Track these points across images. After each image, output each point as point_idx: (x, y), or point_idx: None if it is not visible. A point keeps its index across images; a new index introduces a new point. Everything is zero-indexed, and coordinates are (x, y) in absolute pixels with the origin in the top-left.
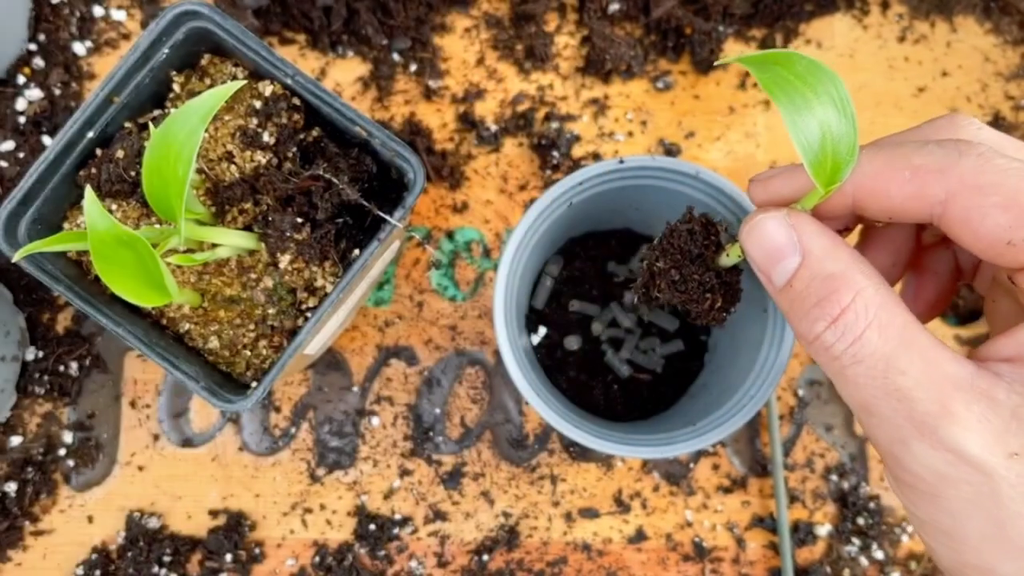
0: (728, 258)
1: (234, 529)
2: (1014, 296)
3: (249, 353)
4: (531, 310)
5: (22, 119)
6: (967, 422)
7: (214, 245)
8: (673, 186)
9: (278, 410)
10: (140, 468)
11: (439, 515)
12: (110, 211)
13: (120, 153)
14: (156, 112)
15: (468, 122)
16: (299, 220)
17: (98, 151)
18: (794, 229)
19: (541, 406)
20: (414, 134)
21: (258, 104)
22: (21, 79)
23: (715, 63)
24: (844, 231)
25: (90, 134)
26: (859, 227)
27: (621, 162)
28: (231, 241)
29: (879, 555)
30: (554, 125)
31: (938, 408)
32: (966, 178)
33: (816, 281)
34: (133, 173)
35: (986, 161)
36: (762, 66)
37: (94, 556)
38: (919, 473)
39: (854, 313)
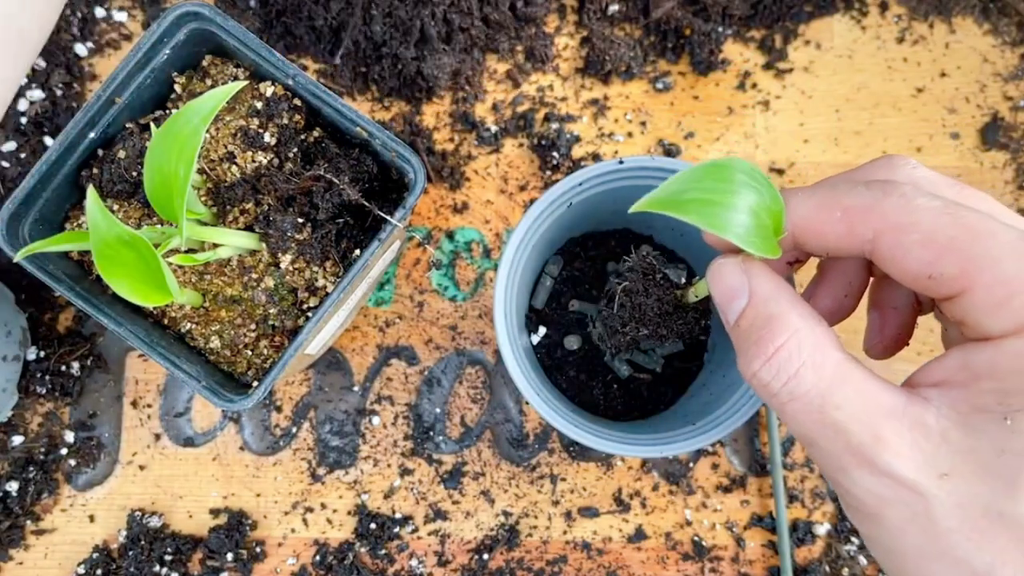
0: (695, 296)
1: (235, 528)
2: (944, 327)
3: (250, 353)
4: (531, 310)
5: (24, 119)
6: (899, 448)
7: (215, 245)
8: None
9: (279, 410)
10: (141, 467)
11: (439, 514)
12: (112, 211)
13: (122, 153)
14: (158, 113)
15: (468, 123)
16: (300, 220)
17: (100, 152)
18: (745, 273)
19: (541, 405)
20: (414, 135)
21: (259, 105)
22: (23, 80)
23: (629, 210)
24: (796, 263)
25: (92, 135)
26: (815, 259)
27: (621, 163)
28: (232, 241)
29: None
30: (554, 126)
31: (872, 438)
32: (889, 217)
33: (758, 321)
34: (135, 173)
35: (908, 201)
36: (675, 205)
37: (95, 555)
38: (860, 497)
39: (787, 352)
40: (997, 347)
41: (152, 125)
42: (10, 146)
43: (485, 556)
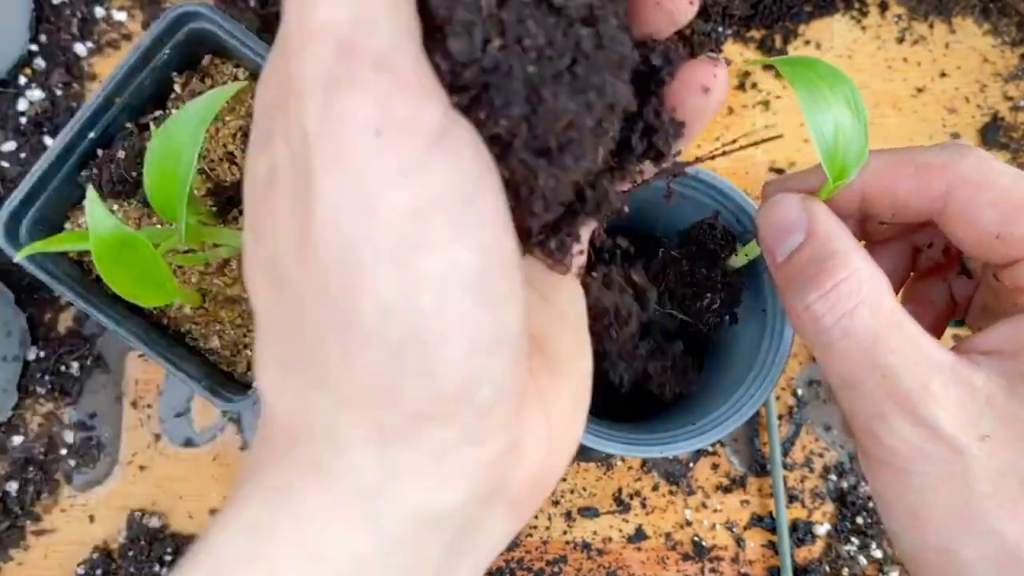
0: (738, 258)
1: None
2: (998, 297)
3: (250, 353)
4: None
5: (24, 120)
6: (945, 402)
7: (215, 245)
8: (672, 186)
9: None
10: (141, 468)
11: None
12: (111, 211)
13: (121, 153)
14: (157, 113)
15: None
16: None
17: (99, 152)
18: (805, 211)
19: None
20: None
21: None
22: (23, 80)
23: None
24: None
25: (91, 135)
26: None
27: None
28: (232, 241)
29: (878, 554)
30: None
31: (919, 386)
32: (964, 174)
33: (817, 255)
34: (134, 173)
35: (983, 162)
36: (789, 66)
37: (95, 555)
38: (895, 447)
39: (848, 287)
40: None
41: (152, 125)
42: (10, 146)
43: None
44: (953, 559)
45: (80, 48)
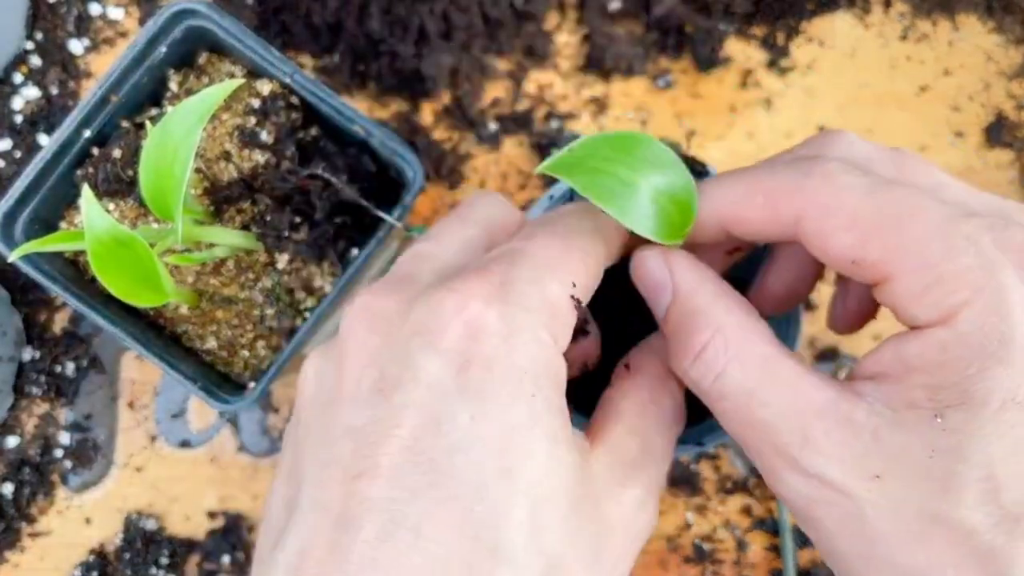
0: None
1: (232, 531)
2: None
3: (247, 353)
4: None
5: (19, 118)
6: (827, 449)
7: (211, 245)
8: None
9: (276, 411)
10: (138, 469)
11: None
12: (107, 210)
13: (117, 152)
14: (154, 111)
15: (467, 121)
16: (297, 219)
17: (95, 150)
18: (667, 265)
19: None
20: (413, 133)
21: (256, 103)
22: (18, 78)
23: (535, 171)
24: (735, 251)
25: (87, 133)
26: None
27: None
28: (229, 241)
29: None
30: (554, 124)
31: (799, 438)
32: (811, 199)
33: (683, 316)
34: (130, 172)
35: (831, 181)
36: (571, 169)
37: (91, 558)
38: (792, 499)
39: (714, 349)
40: (925, 338)
41: (148, 123)
42: (5, 144)
43: None
44: None
45: (76, 46)
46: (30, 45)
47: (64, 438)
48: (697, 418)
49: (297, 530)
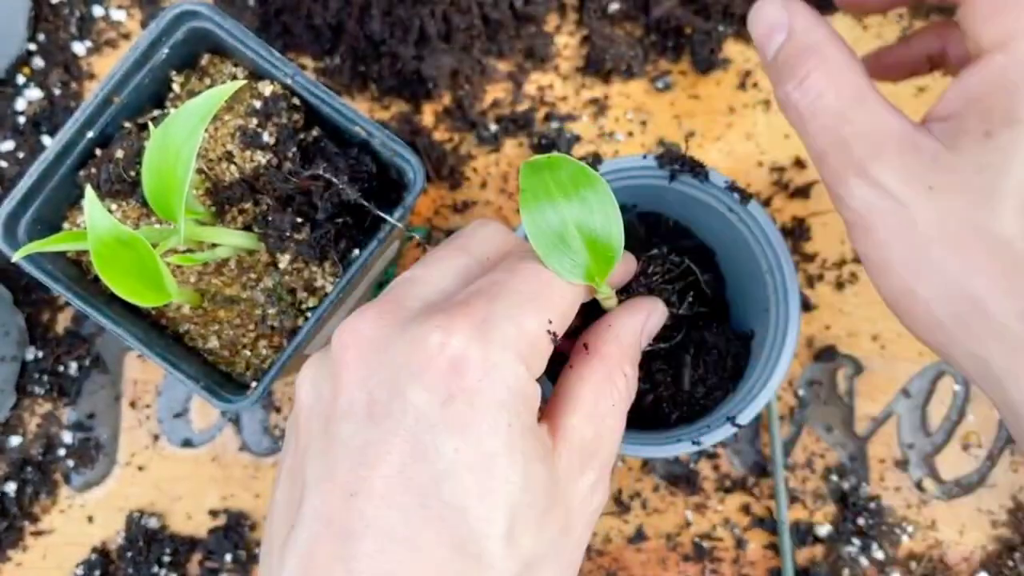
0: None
1: (234, 529)
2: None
3: (249, 353)
4: None
5: (22, 119)
6: (893, 163)
7: (214, 245)
8: (678, 187)
9: (278, 410)
10: (140, 468)
11: None
12: (110, 211)
13: (120, 153)
14: (156, 112)
15: (468, 122)
16: (299, 220)
17: (98, 151)
18: (785, 10)
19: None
20: (414, 134)
21: (258, 104)
22: (21, 79)
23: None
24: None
25: (90, 134)
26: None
27: (644, 157)
28: (231, 241)
29: (879, 555)
30: (554, 125)
31: (873, 152)
32: None
33: (795, 50)
34: (133, 173)
35: None
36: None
37: (94, 556)
38: (856, 208)
39: (818, 75)
40: (985, 65)
41: (150, 124)
42: (8, 146)
43: None
44: (915, 299)
45: (78, 47)
46: (33, 47)
47: (67, 437)
48: (693, 418)
49: (302, 537)
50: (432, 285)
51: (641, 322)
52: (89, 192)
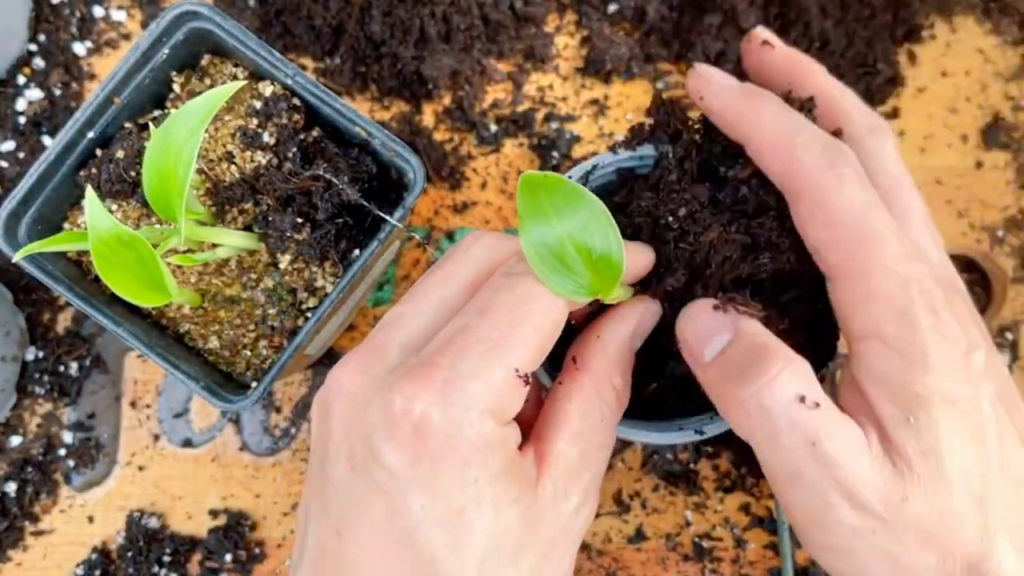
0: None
1: (234, 529)
2: None
3: (249, 353)
4: None
5: (22, 119)
6: (872, 480)
7: (214, 245)
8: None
9: (278, 410)
10: (140, 468)
11: None
12: (110, 211)
13: (120, 153)
14: (156, 112)
15: (468, 122)
16: (299, 220)
17: (98, 151)
18: (726, 315)
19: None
20: (414, 134)
21: (258, 104)
22: (21, 79)
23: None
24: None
25: (90, 134)
26: None
27: (634, 150)
28: (231, 241)
29: None
30: (554, 125)
31: (854, 472)
32: (817, 186)
33: (752, 350)
34: (133, 173)
35: (840, 186)
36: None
37: (94, 556)
38: (839, 531)
39: (787, 377)
40: (861, 358)
41: (151, 125)
42: (8, 146)
43: None
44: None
45: (79, 48)
46: (33, 47)
47: (67, 437)
48: (696, 409)
49: (306, 560)
50: (413, 327)
51: (630, 329)
52: (90, 192)
